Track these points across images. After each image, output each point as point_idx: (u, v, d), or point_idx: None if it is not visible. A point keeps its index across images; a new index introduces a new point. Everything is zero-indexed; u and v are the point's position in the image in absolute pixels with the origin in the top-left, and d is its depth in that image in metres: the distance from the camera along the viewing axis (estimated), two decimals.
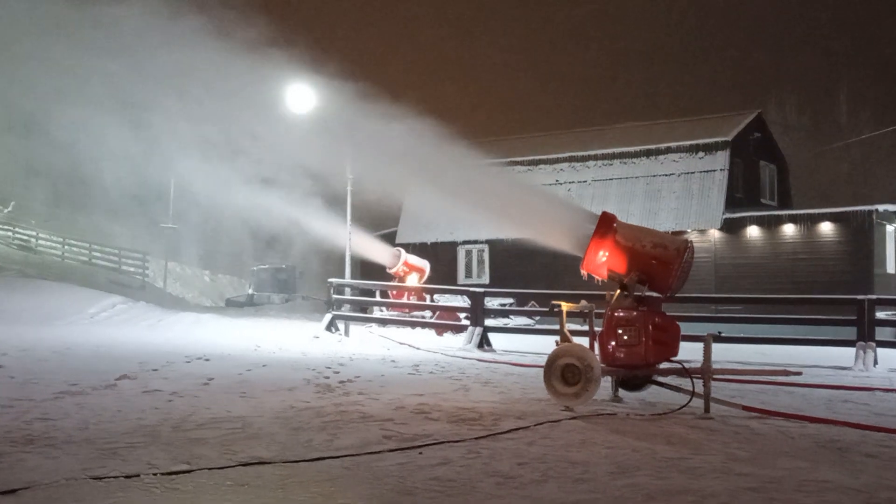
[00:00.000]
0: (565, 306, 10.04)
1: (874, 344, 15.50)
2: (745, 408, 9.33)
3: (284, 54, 14.44)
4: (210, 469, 6.04)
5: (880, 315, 16.64)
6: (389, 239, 32.64)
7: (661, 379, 10.02)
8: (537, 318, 25.63)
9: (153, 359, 13.68)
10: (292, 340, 18.48)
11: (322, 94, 18.20)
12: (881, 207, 28.21)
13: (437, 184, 12.87)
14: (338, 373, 12.59)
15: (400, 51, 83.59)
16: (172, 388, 10.29)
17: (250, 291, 42.98)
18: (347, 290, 22.90)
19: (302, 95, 19.42)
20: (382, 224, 35.96)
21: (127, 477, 5.77)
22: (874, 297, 16.59)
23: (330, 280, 21.61)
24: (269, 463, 6.28)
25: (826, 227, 28.63)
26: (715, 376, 9.68)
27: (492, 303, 23.95)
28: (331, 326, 20.33)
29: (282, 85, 18.56)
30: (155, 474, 5.84)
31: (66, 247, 42.71)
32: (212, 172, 19.94)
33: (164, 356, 14.15)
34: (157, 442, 6.96)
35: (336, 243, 24.35)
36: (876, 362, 15.29)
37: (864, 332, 15.59)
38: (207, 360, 13.92)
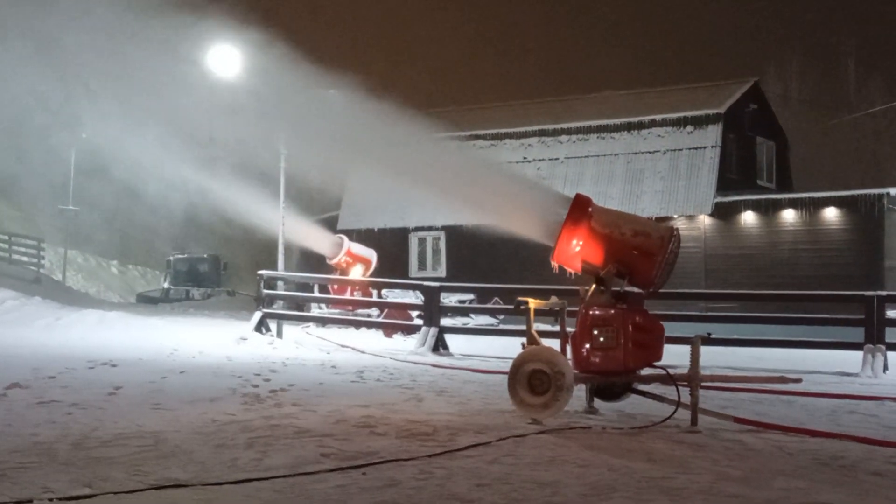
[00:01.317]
0: (533, 303, 10.08)
1: (884, 347, 15.74)
2: (737, 420, 9.46)
3: (207, 8, 14.32)
4: (116, 493, 5.98)
5: (892, 314, 16.93)
6: (330, 224, 32.53)
7: (642, 387, 10.11)
8: (501, 316, 25.72)
9: (50, 364, 13.50)
10: (215, 343, 18.37)
11: (251, 55, 18.06)
12: (893, 191, 28.67)
13: (386, 161, 12.85)
14: (268, 380, 12.55)
15: (343, 7, 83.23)
16: (73, 398, 10.17)
17: (166, 285, 42.67)
18: (281, 283, 22.79)
19: (226, 56, 19.24)
20: (322, 207, 35.84)
21: (18, 503, 5.69)
22: (885, 293, 16.88)
23: (260, 272, 21.49)
24: (187, 486, 6.23)
25: (831, 213, 29.08)
26: (703, 384, 9.78)
27: (449, 299, 23.98)
28: (261, 326, 20.23)
29: (204, 44, 18.38)
30: (51, 500, 5.77)
31: None
32: (120, 145, 19.70)
33: (62, 361, 13.98)
34: (53, 462, 6.88)
35: (267, 229, 24.21)
36: (886, 368, 15.55)
37: (873, 334, 15.84)
38: (114, 365, 13.79)
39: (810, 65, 54.75)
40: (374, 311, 24.19)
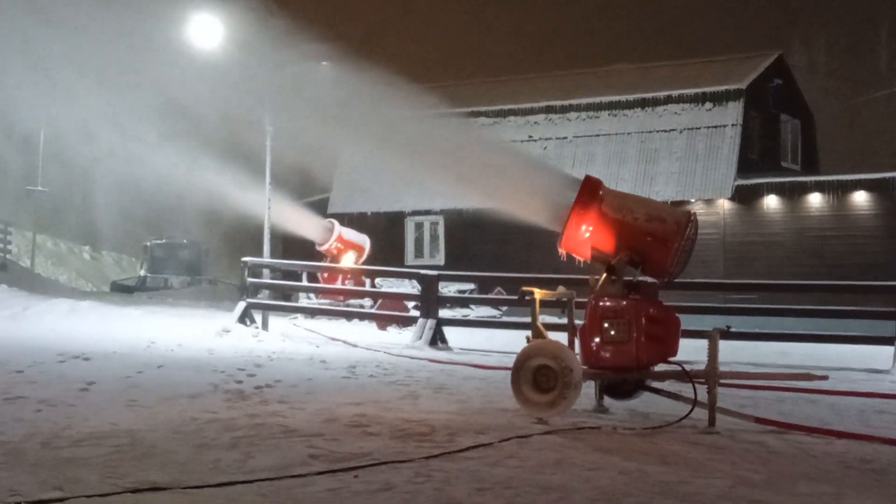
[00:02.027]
0: (539, 294, 10.08)
1: None
2: (758, 420, 9.47)
3: None
4: (89, 496, 5.98)
5: None
6: (320, 208, 32.54)
7: (656, 384, 10.13)
8: (504, 308, 25.74)
9: (17, 357, 13.49)
10: (196, 335, 18.37)
11: (234, 24, 18.03)
12: None
13: (380, 140, 12.85)
14: (253, 376, 12.56)
15: None
16: (42, 394, 10.17)
17: (143, 273, 42.66)
18: (266, 271, 22.79)
19: (208, 25, 19.21)
20: (311, 189, 35.81)
21: None
22: None
23: (244, 259, 21.47)
24: (165, 489, 6.24)
25: (861, 198, 29.07)
26: (722, 381, 9.80)
27: (448, 289, 23.99)
28: (245, 318, 20.23)
29: (183, 11, 18.34)
30: (19, 503, 5.78)
31: None
32: (93, 120, 19.66)
33: (30, 354, 13.96)
34: (21, 462, 6.88)
35: (252, 212, 24.20)
36: None
37: None
38: (87, 359, 13.78)
39: (839, 36, 54.66)
40: (367, 302, 24.18)
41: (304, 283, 25.21)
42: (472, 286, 27.26)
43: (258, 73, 14.60)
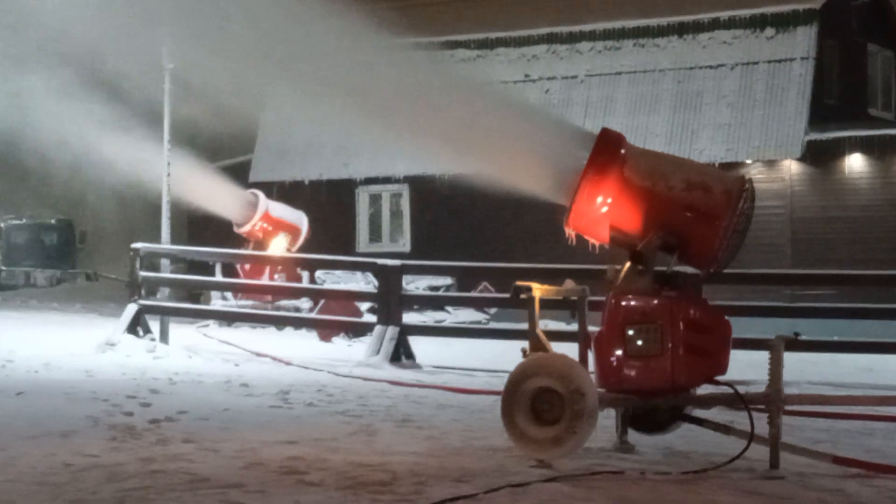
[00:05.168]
0: (539, 290, 10.10)
1: None
2: (837, 460, 9.51)
3: None
4: None
5: None
6: (238, 174, 32.41)
7: (697, 412, 10.17)
8: (492, 310, 25.78)
9: None
10: (69, 350, 18.35)
11: None
12: None
13: (321, 80, 12.81)
14: (148, 405, 12.55)
15: None
16: None
17: None
18: (166, 262, 22.73)
19: None
20: (226, 149, 35.68)
21: None
22: None
23: (135, 246, 21.39)
24: None
25: None
26: (788, 407, 9.84)
27: (415, 285, 24.01)
28: (136, 326, 20.18)
29: None
30: None
31: None
32: None
33: None
34: None
35: (145, 181, 24.10)
36: None
37: None
38: None
39: None
40: (306, 303, 24.18)
41: (219, 277, 25.16)
42: (448, 281, 27.31)
43: None
